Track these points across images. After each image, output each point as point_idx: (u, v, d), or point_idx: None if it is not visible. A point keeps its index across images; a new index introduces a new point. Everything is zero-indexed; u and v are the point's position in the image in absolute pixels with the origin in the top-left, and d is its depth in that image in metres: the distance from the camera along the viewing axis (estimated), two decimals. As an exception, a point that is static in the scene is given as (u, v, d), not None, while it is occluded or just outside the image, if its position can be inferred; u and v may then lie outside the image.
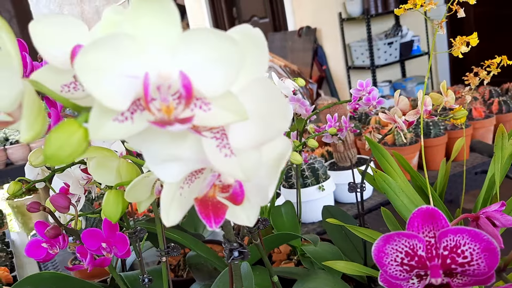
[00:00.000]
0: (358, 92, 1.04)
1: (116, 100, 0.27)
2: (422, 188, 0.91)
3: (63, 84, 0.35)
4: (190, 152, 0.35)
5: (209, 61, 0.29)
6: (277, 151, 0.38)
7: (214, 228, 0.36)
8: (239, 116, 0.30)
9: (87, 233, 0.64)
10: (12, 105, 0.27)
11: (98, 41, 0.26)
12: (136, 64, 0.28)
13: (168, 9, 0.28)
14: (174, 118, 0.29)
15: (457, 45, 0.93)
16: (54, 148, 0.26)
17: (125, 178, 0.49)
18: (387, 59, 3.67)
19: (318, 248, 0.95)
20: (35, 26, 0.33)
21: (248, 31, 0.34)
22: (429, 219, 0.40)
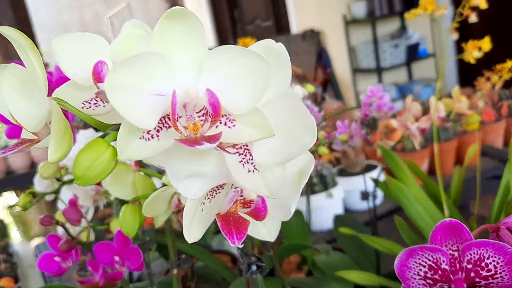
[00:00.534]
0: (369, 98, 1.04)
1: (144, 119, 0.27)
2: (435, 195, 0.90)
3: (84, 100, 0.35)
4: (213, 168, 0.34)
5: (236, 79, 0.28)
6: (299, 166, 0.38)
7: (236, 244, 0.36)
8: (265, 133, 0.30)
9: (99, 246, 0.63)
10: (40, 125, 0.27)
11: (127, 61, 0.26)
12: (164, 82, 0.28)
13: (195, 29, 0.28)
14: (201, 135, 0.28)
15: (469, 51, 0.92)
16: (83, 168, 0.26)
17: (140, 192, 0.49)
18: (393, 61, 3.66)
19: (329, 257, 0.94)
20: (58, 43, 0.33)
21: (270, 45, 0.33)
22: (452, 232, 0.39)
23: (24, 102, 0.26)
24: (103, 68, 0.34)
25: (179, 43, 0.28)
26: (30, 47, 0.28)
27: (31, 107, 0.27)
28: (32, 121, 0.27)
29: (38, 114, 0.27)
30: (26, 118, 0.26)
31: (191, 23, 0.28)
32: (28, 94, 0.26)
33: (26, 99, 0.26)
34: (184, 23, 0.28)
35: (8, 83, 0.26)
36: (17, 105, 0.26)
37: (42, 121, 0.27)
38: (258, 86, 0.28)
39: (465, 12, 0.91)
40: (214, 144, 0.27)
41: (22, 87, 0.26)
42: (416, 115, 0.92)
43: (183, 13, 0.28)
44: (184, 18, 0.28)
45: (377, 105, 1.01)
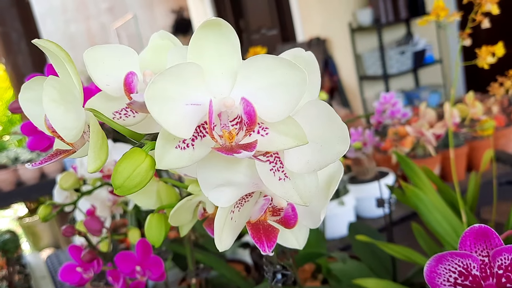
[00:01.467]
0: (382, 105, 1.04)
1: (181, 128, 0.27)
2: (451, 201, 0.90)
3: (115, 111, 0.35)
4: (244, 176, 0.34)
5: (271, 88, 0.29)
6: (328, 173, 0.38)
7: (267, 252, 0.36)
8: (299, 141, 0.30)
9: (120, 256, 0.63)
10: (78, 135, 0.28)
11: (165, 72, 0.26)
12: (200, 92, 0.28)
13: (230, 39, 0.28)
14: (236, 144, 0.29)
15: (483, 56, 0.92)
16: (123, 178, 0.26)
17: (165, 202, 0.49)
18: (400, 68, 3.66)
19: (345, 265, 0.94)
20: (89, 55, 0.33)
21: (300, 54, 0.34)
22: (481, 238, 0.39)
23: (64, 113, 0.27)
24: (134, 79, 0.34)
25: (214, 53, 0.29)
26: (67, 58, 0.29)
27: (70, 118, 0.27)
28: (71, 132, 0.27)
29: (77, 125, 0.27)
30: (66, 129, 0.27)
31: (225, 33, 0.28)
32: (67, 106, 0.27)
33: (65, 110, 0.27)
34: (219, 33, 0.28)
35: (48, 95, 0.26)
36: (57, 117, 0.26)
37: (80, 132, 0.28)
38: (294, 95, 0.28)
39: (477, 18, 0.91)
40: (252, 152, 0.27)
41: (62, 99, 0.27)
42: (430, 121, 0.92)
43: (217, 23, 0.28)
44: (219, 28, 0.28)
45: (391, 112, 1.01)
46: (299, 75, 0.28)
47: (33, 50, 3.05)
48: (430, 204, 0.78)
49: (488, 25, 0.90)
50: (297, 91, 0.28)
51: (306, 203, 0.32)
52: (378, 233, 1.07)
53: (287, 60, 0.28)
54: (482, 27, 0.91)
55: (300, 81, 0.28)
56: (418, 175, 0.83)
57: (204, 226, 0.45)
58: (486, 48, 0.91)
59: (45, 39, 0.28)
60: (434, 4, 0.92)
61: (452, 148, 0.86)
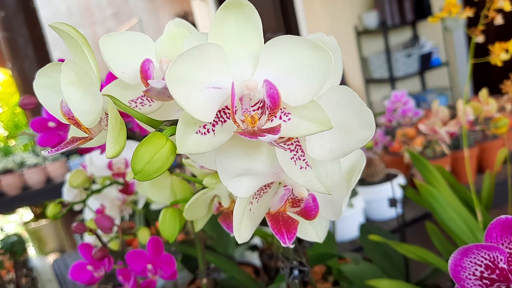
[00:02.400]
0: (393, 103, 1.03)
1: (203, 111, 0.26)
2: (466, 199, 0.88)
3: (130, 99, 0.35)
4: (263, 165, 0.33)
5: (295, 70, 0.28)
6: (349, 162, 0.37)
7: (287, 244, 0.35)
8: (323, 126, 0.29)
9: (132, 254, 0.62)
10: (95, 121, 0.27)
11: (185, 53, 0.25)
12: (221, 74, 0.27)
13: (252, 20, 0.27)
14: (258, 128, 0.28)
15: (496, 53, 0.91)
16: (143, 162, 0.25)
17: (179, 196, 0.48)
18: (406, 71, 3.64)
19: (356, 267, 0.92)
20: (105, 42, 0.33)
21: (322, 38, 0.33)
22: (508, 230, 0.38)
23: (82, 96, 0.26)
24: (150, 66, 0.34)
25: (236, 34, 0.28)
26: (85, 42, 0.28)
27: (88, 102, 0.26)
28: (89, 117, 0.26)
29: (95, 110, 0.26)
30: (84, 113, 0.26)
31: (247, 14, 0.27)
32: (85, 89, 0.26)
33: (84, 93, 0.26)
34: (241, 14, 0.27)
35: (66, 77, 0.25)
36: (75, 99, 0.25)
37: (98, 117, 0.27)
38: (319, 78, 0.27)
39: (490, 14, 0.90)
40: (277, 135, 0.26)
41: (80, 82, 0.26)
42: (443, 119, 0.91)
43: (240, 3, 0.27)
44: (241, 8, 0.27)
45: (402, 111, 1.00)
46: (324, 57, 0.27)
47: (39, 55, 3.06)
48: (445, 203, 0.77)
49: (501, 21, 0.89)
50: (322, 73, 0.27)
51: (330, 192, 0.31)
52: (389, 233, 1.06)
53: (312, 41, 0.27)
54: (495, 23, 0.90)
55: (326, 63, 0.27)
56: (432, 173, 0.81)
57: (219, 220, 0.44)
58: (499, 45, 0.90)
59: (61, 22, 0.27)
60: (446, 1, 0.90)
61: (466, 146, 0.85)
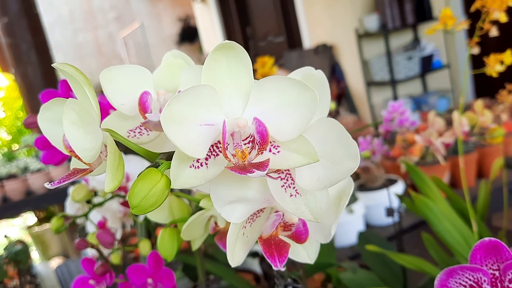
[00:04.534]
0: (390, 113, 1.04)
1: (196, 148, 0.28)
2: (461, 209, 0.89)
3: (129, 129, 0.36)
4: (255, 192, 0.35)
5: (283, 108, 0.29)
6: (338, 188, 0.38)
7: (279, 267, 0.36)
8: (310, 159, 0.30)
9: (132, 268, 0.64)
10: (95, 156, 0.29)
11: (181, 94, 0.27)
12: (213, 113, 0.29)
13: (243, 61, 0.29)
14: (249, 163, 0.29)
15: (491, 64, 0.92)
16: (139, 198, 0.27)
17: (177, 216, 0.50)
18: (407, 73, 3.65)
19: (355, 275, 0.94)
20: (105, 75, 0.34)
21: (311, 72, 0.34)
22: (492, 252, 0.39)
23: (83, 135, 0.27)
24: (148, 98, 0.35)
25: (228, 74, 0.29)
26: (86, 81, 0.30)
27: (89, 140, 0.28)
28: (89, 153, 0.28)
29: (95, 146, 0.28)
30: (84, 150, 0.28)
31: (238, 55, 0.29)
32: (86, 128, 0.28)
33: (85, 132, 0.28)
34: (232, 55, 0.29)
35: (68, 118, 0.27)
36: (77, 139, 0.27)
37: (98, 152, 0.29)
38: (305, 115, 0.29)
39: (485, 26, 0.91)
40: (265, 171, 0.28)
41: (81, 121, 0.27)
42: (439, 130, 0.92)
43: (231, 46, 0.29)
44: (233, 50, 0.29)
45: (399, 121, 1.01)
46: (310, 95, 0.29)
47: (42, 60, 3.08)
48: (440, 214, 0.78)
49: (496, 33, 0.90)
50: (308, 111, 0.29)
51: (317, 219, 0.33)
52: (387, 242, 1.07)
53: (299, 80, 0.29)
54: (490, 35, 0.91)
55: (311, 101, 0.29)
56: (427, 184, 0.83)
57: (216, 240, 0.46)
58: (495, 56, 0.91)
59: (65, 63, 0.29)
60: (442, 13, 0.92)
61: (462, 156, 0.86)
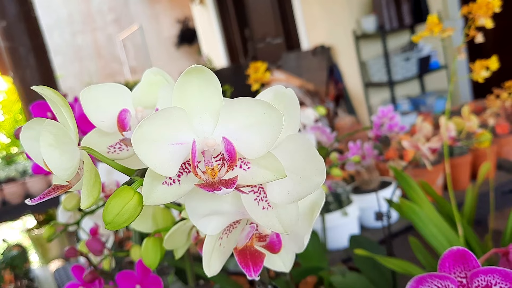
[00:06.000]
0: (380, 118, 1.06)
1: (167, 167, 0.29)
2: (449, 214, 0.91)
3: (109, 145, 0.38)
4: (229, 206, 0.37)
5: (250, 127, 0.31)
6: (311, 200, 0.40)
7: (253, 277, 0.38)
8: (278, 174, 0.32)
9: (121, 275, 0.65)
10: (72, 175, 0.30)
11: (151, 116, 0.28)
12: (184, 133, 0.30)
13: (212, 83, 0.31)
14: (219, 179, 0.31)
15: (476, 71, 0.93)
16: (113, 215, 0.28)
17: (161, 225, 0.51)
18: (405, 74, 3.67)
19: (346, 278, 0.95)
20: (85, 95, 0.36)
21: (282, 90, 0.36)
22: (460, 260, 0.41)
23: (59, 156, 0.29)
24: (127, 115, 0.37)
25: (198, 96, 0.31)
26: (62, 103, 0.31)
27: (65, 160, 0.29)
28: (66, 172, 0.29)
29: (71, 165, 0.30)
30: (61, 170, 0.29)
31: (208, 79, 0.31)
32: (63, 148, 0.29)
33: (61, 153, 0.29)
34: (202, 79, 0.31)
35: (45, 140, 0.28)
36: (53, 160, 0.29)
37: (74, 171, 0.30)
38: (271, 134, 0.31)
39: (471, 33, 0.92)
40: (231, 189, 0.29)
41: (57, 142, 0.29)
42: (427, 135, 0.94)
43: (201, 70, 0.30)
44: (202, 74, 0.31)
45: (388, 126, 1.03)
46: (276, 115, 0.30)
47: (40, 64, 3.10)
48: (426, 218, 0.80)
49: (482, 39, 0.92)
50: (274, 130, 0.31)
51: (287, 232, 0.34)
52: (378, 245, 1.08)
53: (265, 102, 0.30)
54: (476, 41, 0.93)
55: (277, 120, 0.30)
56: (414, 189, 0.84)
57: (198, 248, 0.47)
58: (480, 62, 0.93)
59: (42, 86, 0.31)
60: (428, 20, 0.93)
61: (448, 160, 0.87)
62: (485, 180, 1.71)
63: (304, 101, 3.75)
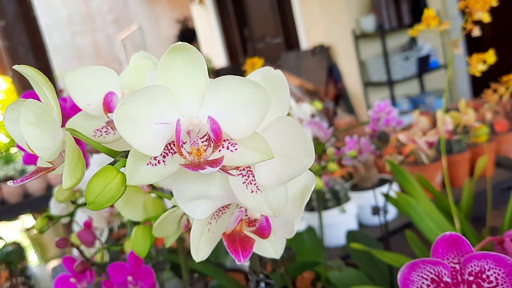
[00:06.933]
0: (377, 113, 1.05)
1: (151, 147, 0.29)
2: (446, 209, 0.90)
3: (95, 129, 0.37)
4: (218, 189, 0.36)
5: (236, 107, 0.30)
6: (301, 184, 0.39)
7: (242, 262, 0.37)
8: (265, 155, 0.31)
9: (113, 267, 0.65)
10: (55, 155, 0.29)
11: (134, 94, 0.28)
12: (168, 112, 0.30)
13: (197, 62, 0.30)
14: (204, 160, 0.30)
15: (473, 64, 0.93)
16: (95, 194, 0.28)
17: (151, 213, 0.51)
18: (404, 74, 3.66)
19: (342, 273, 0.94)
20: (71, 77, 0.35)
21: (270, 72, 0.35)
22: (453, 245, 0.40)
23: (40, 135, 0.28)
24: (113, 98, 0.36)
25: (183, 75, 0.30)
26: (45, 82, 0.31)
27: (46, 139, 0.29)
28: (47, 152, 0.29)
29: (53, 145, 0.29)
30: (42, 149, 0.29)
31: (193, 57, 0.30)
32: (44, 128, 0.29)
33: (42, 132, 0.28)
34: (187, 57, 0.30)
35: (25, 118, 0.28)
36: (33, 138, 0.28)
37: (57, 151, 0.30)
38: (257, 113, 0.30)
39: (467, 26, 0.92)
40: (216, 168, 0.29)
41: (38, 121, 0.28)
42: (424, 129, 0.93)
43: (185, 47, 0.30)
44: (187, 52, 0.30)
45: (385, 120, 1.02)
46: (263, 95, 0.30)
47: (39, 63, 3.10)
48: (423, 212, 0.79)
49: (479, 33, 0.91)
50: (261, 109, 0.30)
51: (275, 214, 0.34)
52: (376, 241, 1.08)
53: (252, 81, 0.30)
54: (473, 35, 0.92)
55: (264, 100, 0.30)
56: (411, 183, 0.84)
57: (188, 237, 0.47)
58: (477, 56, 0.92)
59: (24, 65, 0.30)
60: (425, 13, 0.93)
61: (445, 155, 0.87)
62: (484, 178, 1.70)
63: (303, 100, 3.75)
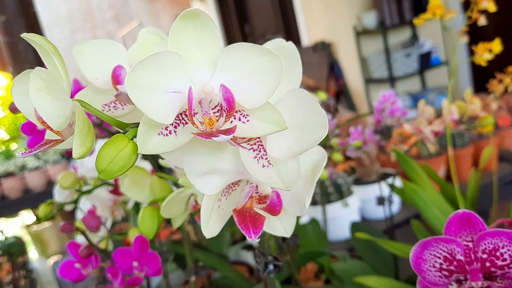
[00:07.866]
0: (381, 103, 1.05)
1: (162, 115, 0.28)
2: (453, 199, 0.90)
3: (104, 103, 0.37)
4: (229, 164, 0.35)
5: (249, 75, 0.30)
6: (312, 161, 0.39)
7: (253, 238, 0.37)
8: (278, 127, 0.31)
9: (118, 252, 0.64)
10: (64, 124, 0.29)
11: (145, 60, 0.27)
12: (180, 80, 0.29)
13: (209, 28, 0.29)
14: (216, 129, 0.30)
15: (479, 53, 0.92)
16: (106, 162, 0.27)
17: (158, 195, 0.50)
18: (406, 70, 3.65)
19: (347, 265, 0.94)
20: (79, 49, 0.35)
21: (282, 44, 0.35)
22: (466, 223, 0.40)
23: (50, 102, 0.28)
24: (121, 72, 0.36)
25: (194, 42, 0.30)
26: (54, 51, 0.30)
27: (56, 107, 0.28)
28: (57, 120, 0.28)
29: (63, 114, 0.29)
30: (52, 117, 0.28)
31: (205, 23, 0.29)
32: (53, 95, 0.28)
33: (51, 99, 0.28)
34: (198, 23, 0.29)
35: (34, 84, 0.27)
36: (43, 104, 0.27)
37: (66, 120, 0.29)
38: (271, 82, 0.29)
39: (473, 15, 0.91)
40: (230, 135, 0.28)
41: (48, 88, 0.28)
42: (429, 119, 0.92)
43: (196, 13, 0.29)
44: (198, 18, 0.29)
45: (390, 111, 1.01)
46: (276, 62, 0.29)
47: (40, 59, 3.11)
48: (429, 201, 0.79)
49: (485, 22, 0.90)
50: (274, 78, 0.29)
51: (288, 188, 0.33)
52: (381, 232, 1.07)
53: (265, 48, 0.29)
54: (479, 24, 0.91)
55: (277, 68, 0.29)
56: (417, 171, 0.83)
57: (196, 218, 0.46)
58: (483, 45, 0.91)
59: (33, 33, 0.30)
60: (430, 3, 0.92)
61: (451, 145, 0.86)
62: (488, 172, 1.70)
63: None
